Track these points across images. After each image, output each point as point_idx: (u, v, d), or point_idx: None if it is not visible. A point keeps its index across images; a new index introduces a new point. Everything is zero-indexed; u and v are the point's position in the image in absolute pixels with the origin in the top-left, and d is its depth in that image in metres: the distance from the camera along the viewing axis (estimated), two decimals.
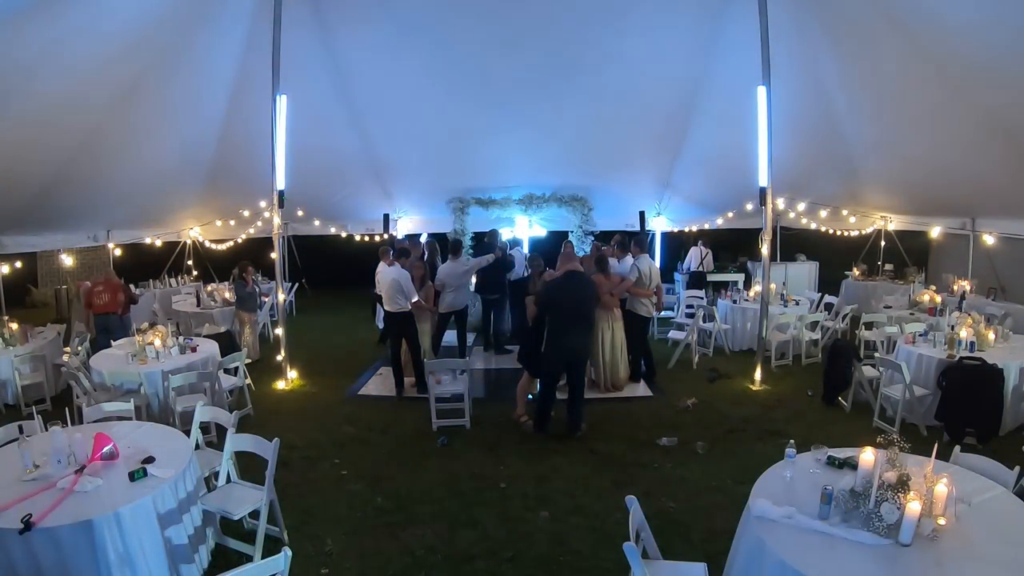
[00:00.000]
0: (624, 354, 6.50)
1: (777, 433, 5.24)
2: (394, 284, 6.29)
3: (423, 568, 3.48)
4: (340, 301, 12.81)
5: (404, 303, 6.35)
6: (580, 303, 5.28)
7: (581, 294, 5.30)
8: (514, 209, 10.19)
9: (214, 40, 6.27)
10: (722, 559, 2.93)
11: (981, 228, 8.35)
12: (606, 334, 6.34)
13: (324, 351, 8.60)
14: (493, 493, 4.35)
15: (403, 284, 6.31)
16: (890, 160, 7.87)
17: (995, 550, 2.33)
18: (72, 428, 3.48)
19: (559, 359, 5.31)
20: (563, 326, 5.23)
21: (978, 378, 4.98)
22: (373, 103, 8.00)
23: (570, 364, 5.33)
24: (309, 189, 8.87)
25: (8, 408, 6.20)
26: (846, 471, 2.91)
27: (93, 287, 7.20)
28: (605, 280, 6.22)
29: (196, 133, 7.68)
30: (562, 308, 5.24)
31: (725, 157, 8.31)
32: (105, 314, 7.08)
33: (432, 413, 5.50)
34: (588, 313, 5.40)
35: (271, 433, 3.65)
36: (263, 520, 3.41)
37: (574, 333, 5.25)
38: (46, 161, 6.41)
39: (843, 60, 6.38)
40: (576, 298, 5.26)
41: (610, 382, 6.46)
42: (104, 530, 2.71)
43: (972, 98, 5.65)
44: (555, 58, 7.04)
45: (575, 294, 5.26)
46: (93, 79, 5.59)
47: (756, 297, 8.17)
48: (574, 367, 5.35)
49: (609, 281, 6.27)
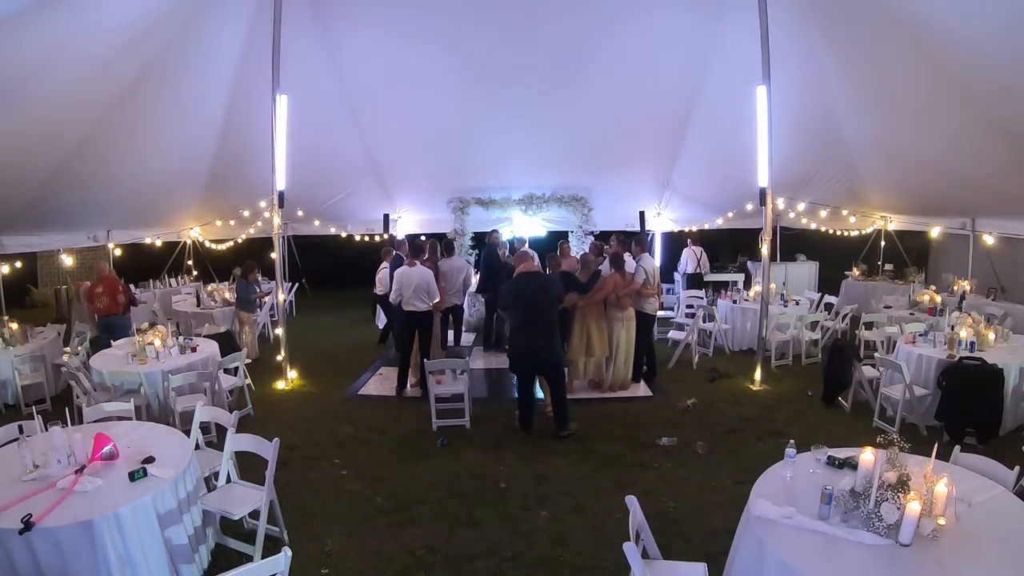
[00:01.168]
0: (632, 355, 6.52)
1: (777, 433, 5.25)
2: (421, 284, 6.22)
3: (423, 568, 3.48)
4: (340, 301, 12.83)
5: (427, 303, 6.30)
6: (537, 304, 5.24)
7: (539, 295, 5.26)
8: (514, 209, 10.19)
9: (214, 40, 6.27)
10: (722, 559, 2.93)
11: (981, 228, 8.36)
12: (620, 334, 6.34)
13: (324, 351, 8.60)
14: (493, 493, 4.35)
15: (430, 284, 6.28)
16: (890, 160, 7.86)
17: (995, 550, 2.33)
18: (72, 428, 3.47)
19: (520, 359, 5.35)
20: (520, 327, 5.29)
21: (978, 378, 4.98)
22: (373, 103, 8.00)
23: (540, 364, 5.32)
24: (309, 189, 8.88)
25: (8, 408, 6.20)
26: (846, 471, 2.91)
27: (92, 289, 7.17)
28: (621, 280, 6.22)
29: (196, 133, 7.68)
30: (520, 309, 5.29)
31: (725, 157, 8.32)
32: (107, 315, 7.08)
33: (432, 413, 5.50)
34: (546, 314, 5.28)
35: (271, 433, 3.65)
36: (263, 520, 3.41)
37: (532, 334, 5.25)
38: (46, 161, 6.41)
39: (843, 60, 6.37)
40: (533, 299, 5.24)
41: (619, 383, 6.47)
42: (104, 530, 2.71)
43: (972, 98, 5.65)
44: (556, 58, 7.05)
45: (531, 296, 5.24)
46: (93, 79, 5.58)
47: (756, 297, 8.18)
48: (546, 367, 5.34)
49: (624, 280, 6.28)
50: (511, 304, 5.40)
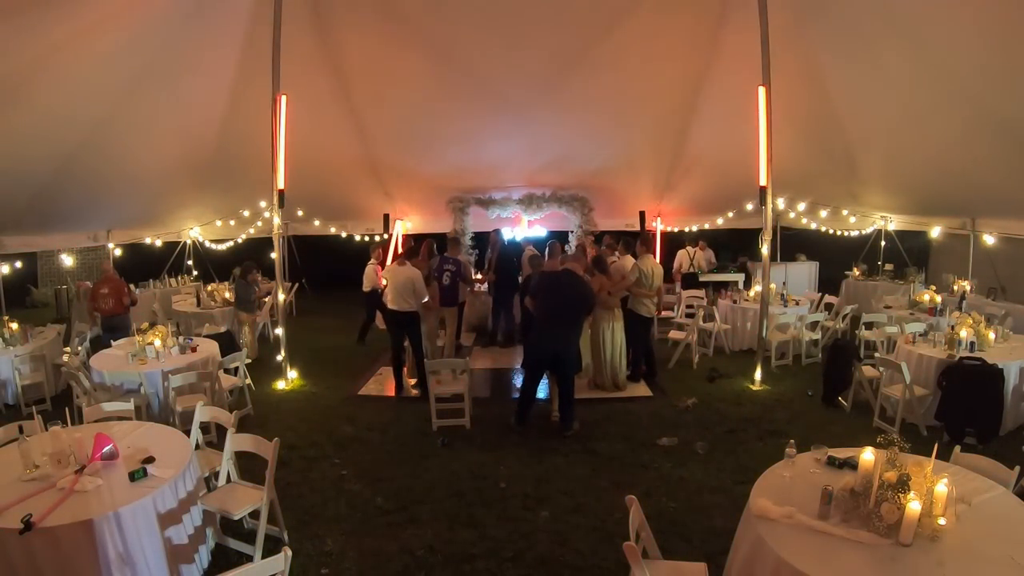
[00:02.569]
0: (624, 354, 6.50)
1: (777, 433, 5.25)
2: (407, 284, 6.22)
3: (423, 568, 3.48)
4: (340, 301, 12.80)
5: (413, 303, 6.30)
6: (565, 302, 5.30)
7: (574, 295, 5.31)
8: (514, 209, 10.19)
9: (214, 40, 6.27)
10: (722, 559, 2.93)
11: (981, 228, 8.35)
12: (606, 334, 6.35)
13: (324, 351, 8.60)
14: (493, 493, 4.35)
15: (416, 284, 6.26)
16: (890, 160, 7.87)
17: (995, 550, 2.33)
18: (72, 428, 3.48)
19: (540, 353, 5.44)
20: (548, 321, 5.34)
21: (978, 378, 4.98)
22: (373, 103, 8.00)
23: (559, 361, 5.37)
24: (309, 189, 8.88)
25: (8, 408, 6.21)
26: (846, 471, 2.91)
27: (96, 290, 7.15)
28: (606, 280, 6.22)
29: (196, 132, 7.68)
30: (551, 305, 5.34)
31: (725, 157, 8.32)
32: (112, 315, 7.10)
33: (432, 413, 5.50)
34: (573, 312, 5.36)
35: (271, 433, 3.65)
36: (263, 520, 3.41)
37: (558, 329, 5.32)
38: (46, 161, 6.42)
39: (843, 60, 6.37)
40: (567, 297, 5.30)
41: (612, 382, 6.47)
42: (104, 530, 2.71)
43: (972, 97, 5.65)
44: (556, 58, 7.04)
45: (565, 293, 5.30)
46: (92, 79, 5.59)
47: (756, 297, 8.18)
48: (563, 365, 5.38)
49: (609, 281, 6.27)
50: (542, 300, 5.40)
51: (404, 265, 6.32)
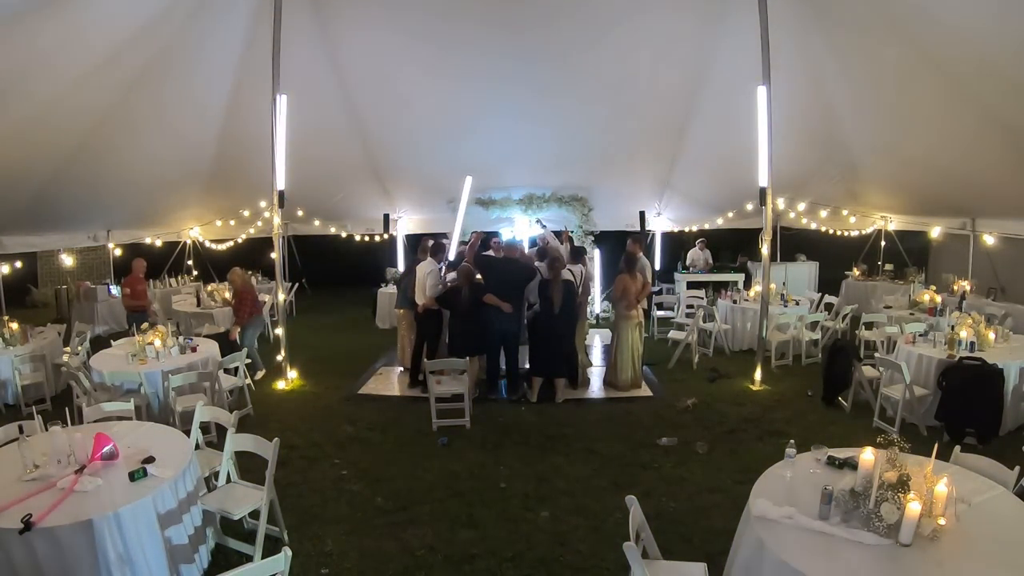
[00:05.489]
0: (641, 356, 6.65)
1: (777, 433, 5.25)
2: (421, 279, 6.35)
3: (423, 568, 3.47)
4: (340, 301, 12.82)
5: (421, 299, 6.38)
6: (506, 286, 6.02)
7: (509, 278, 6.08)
8: (514, 209, 10.19)
9: (214, 40, 6.27)
10: (722, 559, 2.93)
11: (981, 228, 8.36)
12: (634, 336, 6.48)
13: (324, 351, 8.60)
14: (493, 493, 4.35)
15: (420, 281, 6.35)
16: (890, 160, 7.87)
17: (995, 550, 2.33)
18: (72, 428, 3.47)
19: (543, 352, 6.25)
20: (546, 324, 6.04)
21: (978, 378, 4.98)
22: (373, 103, 8.00)
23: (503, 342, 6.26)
24: (309, 189, 8.88)
25: (8, 408, 6.20)
26: (846, 471, 2.91)
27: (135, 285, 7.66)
28: (629, 280, 6.30)
29: (196, 133, 7.68)
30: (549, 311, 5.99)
31: (725, 157, 8.32)
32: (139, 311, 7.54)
33: (432, 413, 5.50)
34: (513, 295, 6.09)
35: (271, 433, 3.65)
36: (263, 520, 3.41)
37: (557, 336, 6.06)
38: (46, 161, 6.42)
39: (843, 60, 6.37)
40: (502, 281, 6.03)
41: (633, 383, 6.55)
42: (104, 530, 2.71)
43: (972, 98, 5.65)
44: (556, 58, 7.04)
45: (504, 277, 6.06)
46: (92, 79, 5.59)
47: (756, 297, 8.18)
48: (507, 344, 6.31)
49: (632, 281, 6.32)
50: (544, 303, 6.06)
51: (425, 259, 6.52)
